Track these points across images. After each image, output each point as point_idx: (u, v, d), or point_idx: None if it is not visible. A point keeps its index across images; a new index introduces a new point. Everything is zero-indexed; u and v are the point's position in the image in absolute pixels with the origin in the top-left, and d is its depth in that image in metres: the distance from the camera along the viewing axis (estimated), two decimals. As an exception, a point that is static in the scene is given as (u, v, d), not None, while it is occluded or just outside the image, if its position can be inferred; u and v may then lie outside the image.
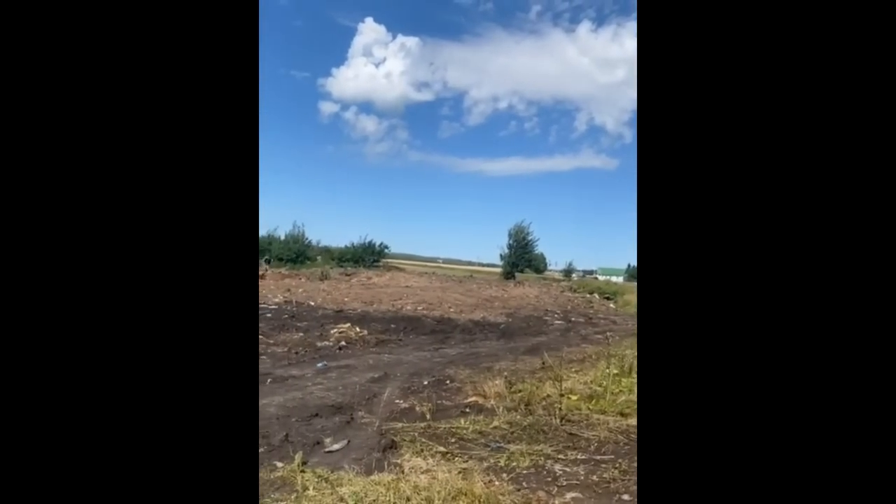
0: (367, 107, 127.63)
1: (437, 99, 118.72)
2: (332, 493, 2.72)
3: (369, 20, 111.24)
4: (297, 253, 32.10)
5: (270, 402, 4.52)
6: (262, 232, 34.26)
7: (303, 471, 2.99)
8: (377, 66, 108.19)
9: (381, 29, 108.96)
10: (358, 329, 9.39)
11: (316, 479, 2.87)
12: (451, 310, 14.55)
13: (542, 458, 3.41)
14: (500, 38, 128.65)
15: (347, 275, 25.35)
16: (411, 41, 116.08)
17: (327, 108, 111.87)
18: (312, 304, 13.37)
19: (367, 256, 36.35)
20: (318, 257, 33.86)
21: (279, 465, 3.10)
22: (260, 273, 20.26)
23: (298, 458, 3.12)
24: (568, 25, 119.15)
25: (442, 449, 3.47)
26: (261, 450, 3.37)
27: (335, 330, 9.16)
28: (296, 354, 7.18)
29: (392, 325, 10.84)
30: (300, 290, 16.66)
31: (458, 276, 34.49)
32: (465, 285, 26.13)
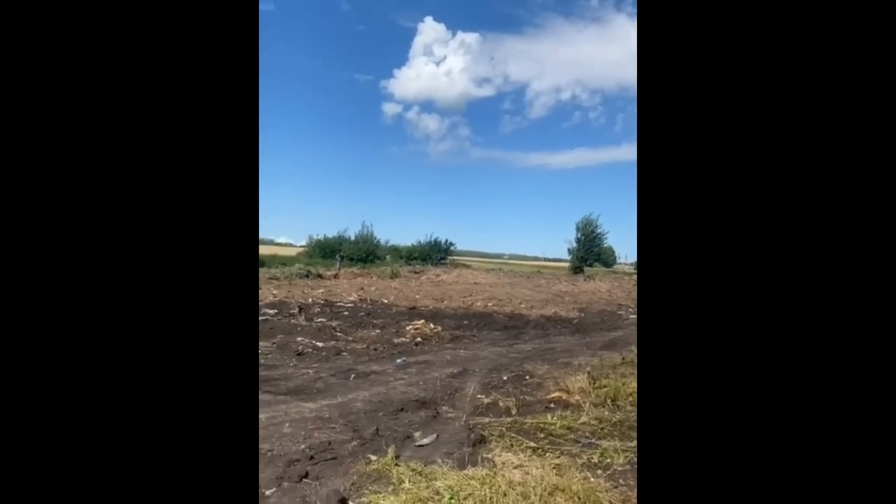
0: (428, 106, 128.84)
1: (498, 94, 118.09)
2: (427, 487, 2.74)
3: (429, 19, 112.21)
4: (367, 252, 32.88)
5: (356, 397, 4.64)
6: (333, 233, 35.36)
7: (396, 464, 3.04)
8: (438, 64, 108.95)
9: (441, 27, 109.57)
10: (432, 325, 9.48)
11: (410, 473, 2.91)
12: (522, 306, 14.42)
13: (637, 455, 3.29)
14: (561, 27, 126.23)
15: (416, 273, 25.71)
16: (471, 37, 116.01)
17: (390, 109, 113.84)
18: (385, 301, 13.64)
19: (434, 254, 36.71)
20: (387, 256, 34.52)
21: (373, 458, 3.17)
22: (333, 273, 20.91)
23: (391, 451, 3.17)
24: (632, 10, 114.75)
25: (532, 444, 3.43)
26: (353, 443, 3.46)
27: (410, 326, 9.29)
28: (374, 351, 7.33)
29: (464, 322, 10.87)
30: (372, 288, 17.05)
31: (525, 272, 34.15)
32: (534, 281, 25.85)
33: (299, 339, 7.76)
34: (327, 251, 32.40)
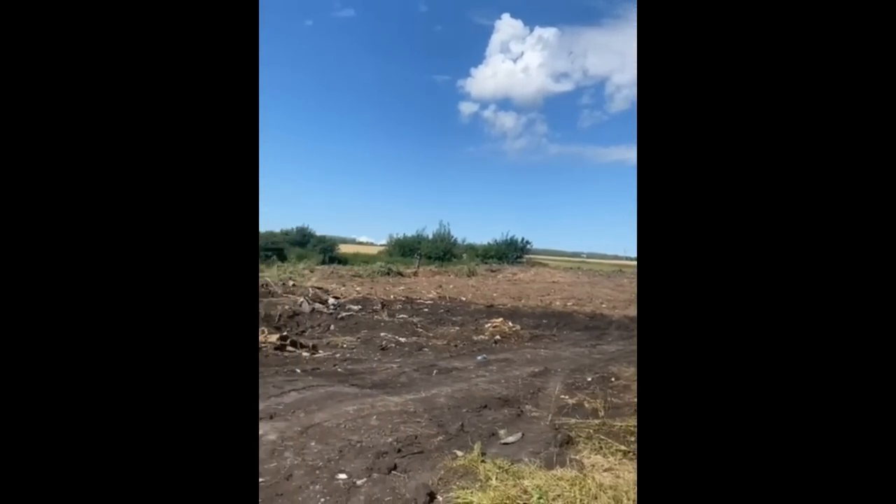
0: (505, 103, 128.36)
1: (576, 88, 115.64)
2: (515, 485, 2.71)
3: (506, 16, 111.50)
4: (444, 251, 33.21)
5: (439, 393, 4.68)
6: (412, 232, 35.98)
7: (483, 461, 3.03)
8: (515, 61, 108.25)
9: (518, 24, 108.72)
10: (510, 324, 9.41)
11: (497, 470, 2.89)
12: (603, 305, 14.00)
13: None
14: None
15: (493, 271, 25.65)
16: (549, 32, 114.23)
17: (467, 108, 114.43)
18: (463, 299, 13.71)
19: (511, 252, 36.45)
20: (464, 254, 34.69)
21: (459, 453, 3.18)
22: (412, 271, 21.30)
23: (478, 448, 3.17)
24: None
25: (622, 448, 3.30)
26: (439, 438, 3.49)
27: (489, 324, 9.28)
28: (455, 347, 7.40)
29: (543, 321, 10.72)
30: (450, 286, 17.19)
31: (605, 271, 33.14)
32: (615, 280, 25.03)
33: (382, 334, 7.97)
34: (406, 250, 33.06)
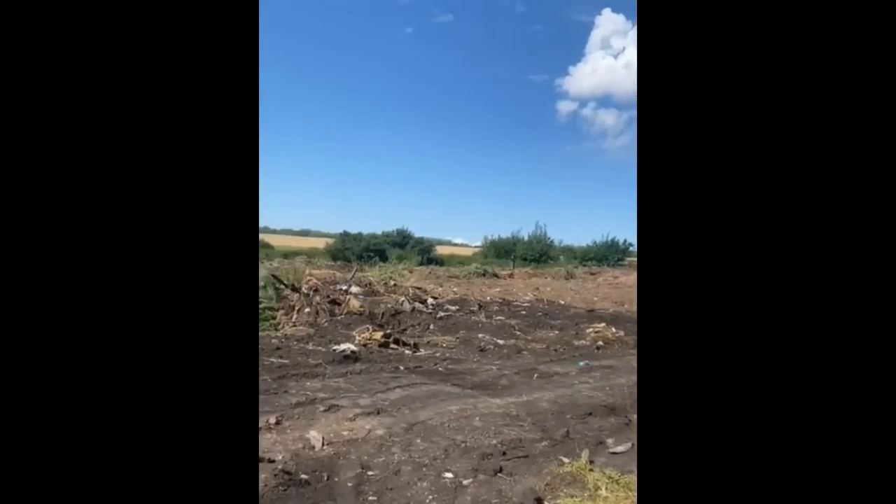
0: (605, 101, 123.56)
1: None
2: (626, 498, 2.60)
3: (606, 11, 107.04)
4: (541, 253, 32.73)
5: (541, 397, 4.61)
6: (507, 233, 35.84)
7: (591, 469, 2.94)
8: (616, 57, 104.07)
9: (620, 18, 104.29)
10: (613, 329, 9.07)
11: (607, 480, 2.79)
12: (715, 312, 13.07)
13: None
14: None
15: (592, 274, 24.86)
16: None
17: (564, 107, 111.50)
18: (562, 302, 13.42)
19: (611, 255, 35.13)
20: (561, 257, 33.98)
21: (565, 460, 3.11)
22: (508, 272, 21.20)
23: (586, 455, 3.08)
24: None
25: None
26: (543, 443, 3.43)
27: (590, 329, 9.00)
28: (555, 352, 7.25)
29: (649, 327, 10.21)
30: (548, 288, 16.90)
31: (715, 275, 30.96)
32: (727, 285, 23.30)
33: (480, 335, 7.99)
34: (501, 251, 32.97)
